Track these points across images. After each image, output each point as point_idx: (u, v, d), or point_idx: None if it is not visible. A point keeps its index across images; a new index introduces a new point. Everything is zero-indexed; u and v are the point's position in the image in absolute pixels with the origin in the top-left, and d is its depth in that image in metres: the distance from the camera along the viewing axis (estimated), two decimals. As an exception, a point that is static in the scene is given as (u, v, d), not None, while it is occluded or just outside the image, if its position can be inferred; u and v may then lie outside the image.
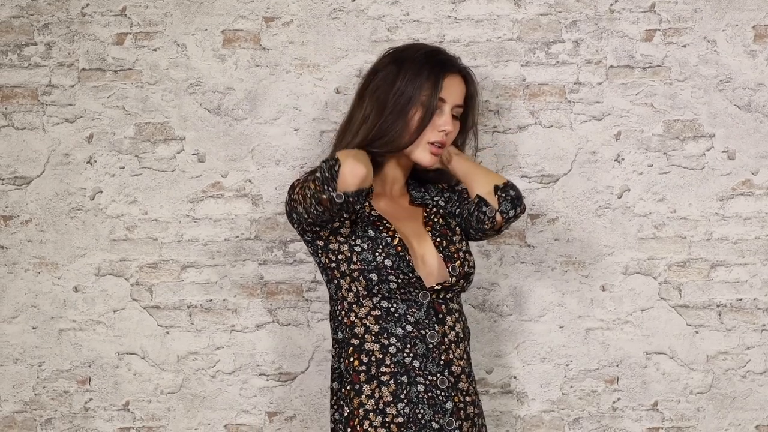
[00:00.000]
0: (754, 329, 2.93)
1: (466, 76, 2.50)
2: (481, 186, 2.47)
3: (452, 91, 2.45)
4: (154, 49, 2.96)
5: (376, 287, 2.38)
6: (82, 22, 2.97)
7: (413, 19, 2.92)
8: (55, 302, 2.99)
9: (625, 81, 2.93)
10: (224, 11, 2.95)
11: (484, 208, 2.45)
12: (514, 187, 2.46)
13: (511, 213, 2.44)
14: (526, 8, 2.93)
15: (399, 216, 2.50)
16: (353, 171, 2.28)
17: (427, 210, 2.55)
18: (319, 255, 2.42)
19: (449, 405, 2.37)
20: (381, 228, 2.41)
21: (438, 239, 2.48)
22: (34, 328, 2.99)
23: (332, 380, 2.45)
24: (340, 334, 2.44)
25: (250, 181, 2.96)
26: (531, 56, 2.93)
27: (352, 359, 2.40)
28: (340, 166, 2.27)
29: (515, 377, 2.95)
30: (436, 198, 2.59)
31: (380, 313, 2.39)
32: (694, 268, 2.94)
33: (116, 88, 2.97)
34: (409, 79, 2.42)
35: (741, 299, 2.93)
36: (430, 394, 2.37)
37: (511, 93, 2.93)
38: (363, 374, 2.38)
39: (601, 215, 2.94)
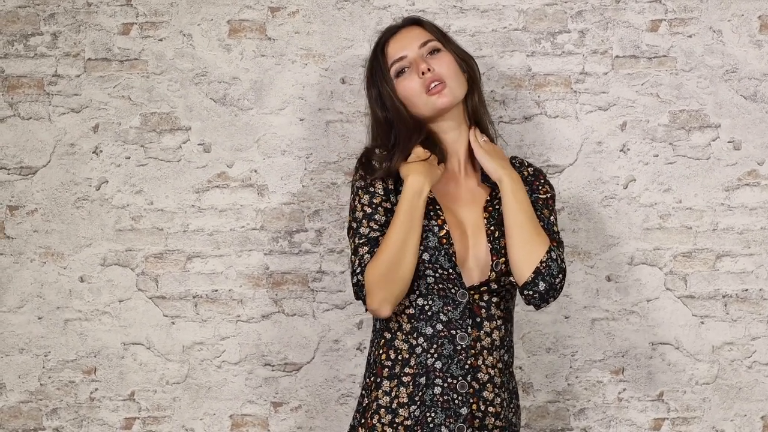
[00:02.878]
0: (760, 320, 2.93)
1: (411, 23, 2.43)
2: (516, 267, 2.30)
3: (403, 44, 2.38)
4: (160, 39, 2.97)
5: (415, 284, 2.31)
6: (88, 12, 2.97)
7: (419, 9, 2.92)
8: (60, 292, 2.99)
9: (630, 71, 2.93)
10: (230, 1, 2.96)
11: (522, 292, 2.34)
12: (546, 276, 2.28)
13: (543, 305, 2.33)
14: (531, -2, 2.93)
15: (460, 198, 2.39)
16: (379, 312, 2.28)
17: (492, 194, 2.40)
18: None
19: (464, 410, 2.28)
20: (432, 214, 2.32)
21: (492, 228, 2.35)
22: (39, 318, 2.99)
23: (366, 366, 2.44)
24: (378, 323, 2.40)
25: (255, 171, 2.96)
26: (536, 46, 2.93)
27: (381, 352, 2.36)
28: (366, 309, 2.30)
29: (520, 368, 2.95)
30: None
31: (414, 311, 2.33)
32: (700, 258, 2.94)
33: (122, 78, 2.97)
34: (372, 78, 2.42)
35: (747, 290, 2.93)
36: (445, 398, 2.29)
37: (517, 83, 2.93)
38: (387, 369, 2.34)
39: (607, 205, 2.94)
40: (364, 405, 2.36)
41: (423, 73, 2.34)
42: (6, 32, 2.98)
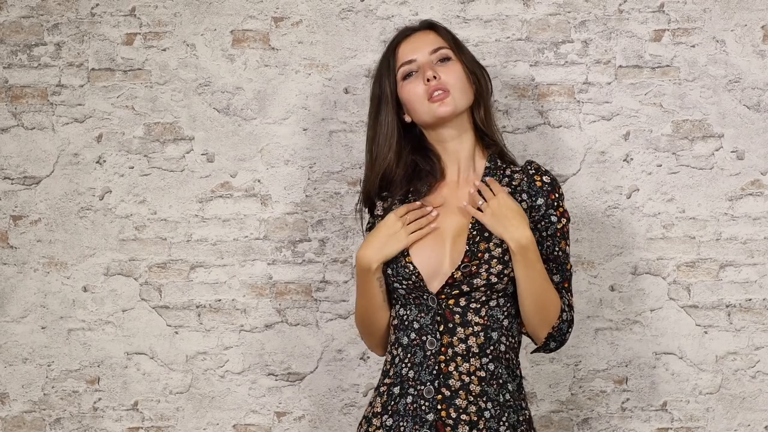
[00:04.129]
0: (764, 329, 2.93)
1: (427, 27, 2.41)
2: (531, 332, 2.34)
3: (414, 46, 2.36)
4: (164, 49, 2.97)
5: (395, 295, 2.34)
6: (92, 22, 2.97)
7: (422, 19, 2.91)
8: (64, 302, 2.99)
9: (634, 81, 2.93)
10: (233, 11, 2.96)
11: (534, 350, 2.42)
12: (557, 337, 2.33)
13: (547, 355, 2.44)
14: (534, 8, 2.93)
15: (448, 206, 2.35)
16: (374, 353, 2.52)
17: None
18: None
19: (430, 416, 2.25)
20: None
21: (474, 233, 2.30)
22: (43, 328, 2.99)
23: None
24: None
25: (259, 180, 2.97)
26: (540, 56, 2.93)
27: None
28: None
29: (524, 377, 2.94)
30: (517, 198, 2.34)
31: (397, 322, 2.34)
32: (703, 268, 2.94)
33: (125, 88, 2.97)
34: (378, 76, 2.41)
35: (750, 299, 2.93)
36: (414, 405, 2.27)
37: (520, 93, 2.93)
38: (378, 381, 2.39)
39: (610, 215, 2.94)
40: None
41: (428, 80, 2.32)
42: (10, 42, 2.98)
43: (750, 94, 2.91)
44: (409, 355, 2.29)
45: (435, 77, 2.31)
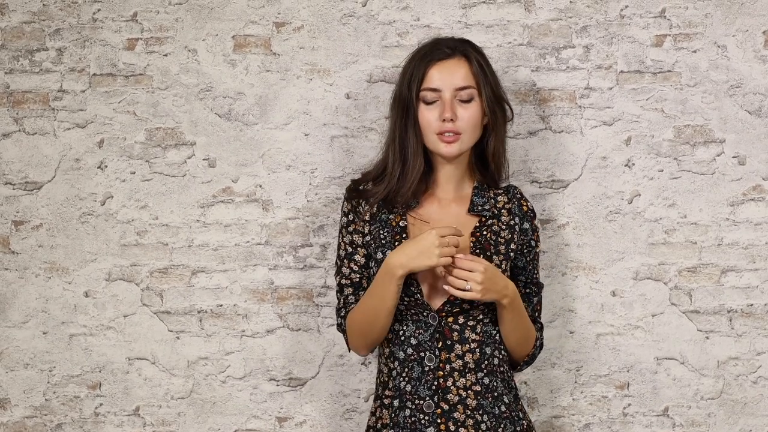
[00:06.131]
0: (765, 335, 2.93)
1: (464, 55, 2.42)
2: (510, 359, 2.49)
3: (443, 76, 2.38)
4: (165, 55, 2.97)
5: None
6: (93, 27, 2.97)
7: (423, 24, 2.92)
8: (65, 307, 2.99)
9: (635, 86, 2.93)
10: (235, 17, 2.96)
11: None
12: (530, 360, 2.53)
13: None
14: (536, 13, 2.93)
15: (442, 224, 2.41)
16: (357, 353, 2.50)
17: (482, 221, 2.44)
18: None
19: (431, 430, 2.32)
20: (397, 244, 2.38)
21: (477, 252, 2.38)
22: (44, 333, 2.99)
23: None
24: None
25: (260, 186, 2.97)
26: (541, 61, 2.93)
27: (376, 374, 2.48)
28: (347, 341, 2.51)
29: (525, 383, 2.95)
30: (508, 218, 2.46)
31: (391, 336, 2.40)
32: (705, 273, 2.94)
33: (127, 93, 2.97)
34: (404, 80, 2.44)
35: (752, 305, 2.93)
36: (413, 419, 2.34)
37: (522, 98, 2.93)
38: (376, 392, 2.45)
39: (612, 220, 2.94)
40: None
41: (444, 120, 2.37)
42: (11, 48, 2.98)
43: (751, 100, 2.91)
44: (406, 370, 2.35)
45: (452, 120, 2.36)
